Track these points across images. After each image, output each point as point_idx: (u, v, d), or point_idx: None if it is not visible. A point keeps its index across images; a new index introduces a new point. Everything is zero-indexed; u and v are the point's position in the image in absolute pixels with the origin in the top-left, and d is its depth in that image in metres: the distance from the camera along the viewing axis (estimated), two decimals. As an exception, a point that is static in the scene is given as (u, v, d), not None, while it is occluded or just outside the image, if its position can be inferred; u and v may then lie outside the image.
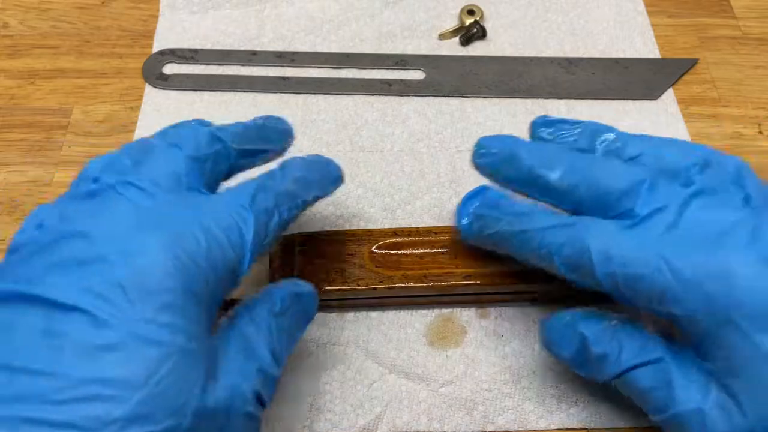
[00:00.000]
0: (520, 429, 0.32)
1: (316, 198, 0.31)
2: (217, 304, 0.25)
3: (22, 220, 0.37)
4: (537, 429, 0.32)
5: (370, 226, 0.37)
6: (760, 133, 0.42)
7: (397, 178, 0.40)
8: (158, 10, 0.47)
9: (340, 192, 0.39)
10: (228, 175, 0.30)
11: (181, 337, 0.23)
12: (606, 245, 0.27)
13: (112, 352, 0.21)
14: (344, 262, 0.34)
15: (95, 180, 0.26)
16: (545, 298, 0.35)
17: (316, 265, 0.34)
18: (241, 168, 0.30)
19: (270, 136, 0.32)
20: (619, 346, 0.28)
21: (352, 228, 0.37)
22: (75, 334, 0.22)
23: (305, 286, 0.29)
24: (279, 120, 0.32)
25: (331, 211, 0.38)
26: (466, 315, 0.35)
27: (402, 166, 0.40)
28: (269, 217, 0.27)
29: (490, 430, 0.32)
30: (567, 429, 0.32)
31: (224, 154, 0.29)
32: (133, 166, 0.27)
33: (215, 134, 0.29)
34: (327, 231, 0.36)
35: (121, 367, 0.21)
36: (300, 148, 0.41)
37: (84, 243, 0.24)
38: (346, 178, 0.39)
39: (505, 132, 0.42)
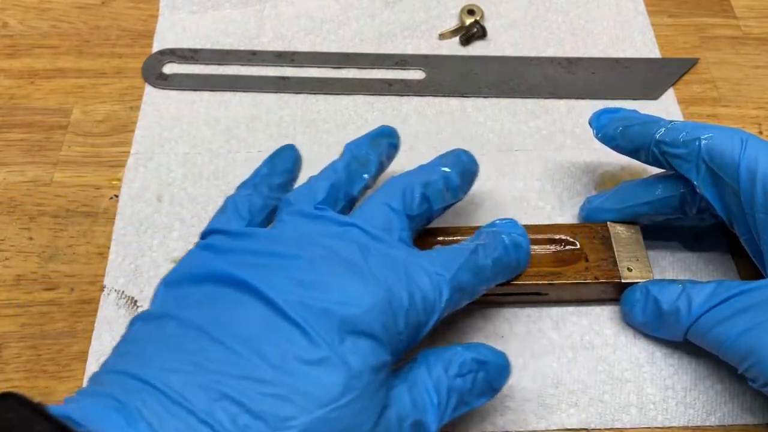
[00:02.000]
0: (520, 429, 0.32)
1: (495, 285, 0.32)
2: (401, 352, 0.27)
3: (21, 220, 0.38)
4: (537, 429, 0.32)
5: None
6: (761, 133, 0.42)
7: (397, 178, 0.40)
8: (158, 10, 0.47)
9: (340, 192, 0.39)
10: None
11: (371, 375, 0.24)
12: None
13: (315, 367, 0.23)
14: None
15: (318, 208, 0.29)
16: (554, 300, 0.35)
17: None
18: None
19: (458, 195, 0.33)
20: (688, 300, 0.30)
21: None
22: (288, 341, 0.24)
23: (494, 356, 0.29)
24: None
25: (331, 211, 0.38)
26: (466, 315, 0.35)
27: (402, 167, 0.40)
28: (461, 295, 0.29)
29: (490, 430, 0.32)
30: (567, 429, 0.32)
31: (427, 216, 0.31)
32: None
33: (426, 195, 0.31)
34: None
35: (318, 384, 0.23)
36: (300, 148, 0.41)
37: (307, 266, 0.26)
38: (346, 178, 0.39)
39: (506, 132, 0.42)
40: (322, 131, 0.42)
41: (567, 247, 0.35)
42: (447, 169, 0.32)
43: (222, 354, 0.23)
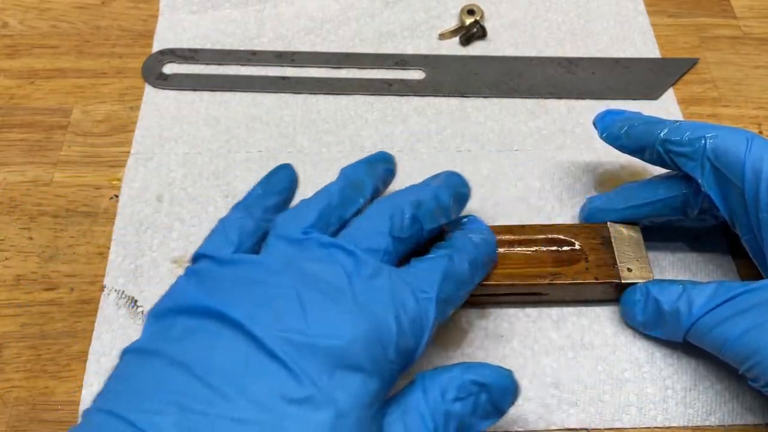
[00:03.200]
0: (520, 429, 0.32)
1: (474, 286, 0.31)
2: (395, 380, 0.26)
3: (21, 220, 0.38)
4: (537, 429, 0.32)
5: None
6: (760, 133, 0.42)
7: (397, 178, 0.40)
8: (158, 10, 0.47)
9: (340, 192, 0.39)
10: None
11: (361, 411, 0.24)
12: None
13: (301, 406, 0.23)
14: None
15: (305, 232, 0.28)
16: (554, 300, 0.35)
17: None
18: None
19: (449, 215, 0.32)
20: (689, 301, 0.31)
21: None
22: (272, 379, 0.23)
23: (497, 377, 0.27)
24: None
25: (331, 211, 0.38)
26: (466, 315, 0.35)
27: (402, 166, 0.40)
28: (447, 307, 0.28)
29: (490, 430, 0.32)
30: (567, 429, 0.32)
31: (417, 238, 0.30)
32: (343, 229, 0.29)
33: (416, 216, 0.29)
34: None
35: (305, 424, 0.22)
36: (300, 148, 0.41)
37: (290, 297, 0.25)
38: (346, 178, 0.39)
39: (506, 132, 0.42)
40: (322, 131, 0.42)
41: (567, 248, 0.35)
42: (438, 191, 0.31)
43: (207, 394, 0.23)
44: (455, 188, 0.32)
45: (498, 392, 0.27)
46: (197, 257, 0.28)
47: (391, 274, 0.27)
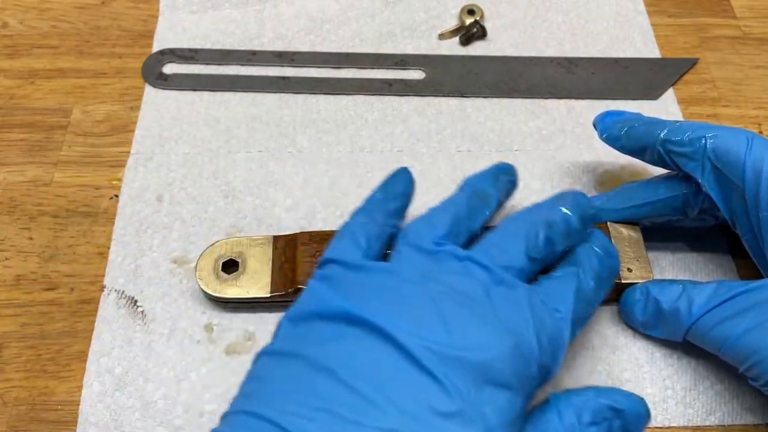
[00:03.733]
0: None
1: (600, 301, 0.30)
2: (532, 394, 0.26)
3: (21, 220, 0.38)
4: (537, 429, 0.32)
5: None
6: (760, 133, 0.42)
7: (397, 178, 0.40)
8: (158, 10, 0.47)
9: (340, 192, 0.39)
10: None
11: (507, 428, 0.23)
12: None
13: (451, 420, 0.22)
14: None
15: (438, 243, 0.28)
16: None
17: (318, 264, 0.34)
18: None
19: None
20: (689, 300, 0.30)
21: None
22: (421, 391, 0.23)
23: (632, 403, 0.27)
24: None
25: (331, 212, 0.38)
26: (466, 315, 0.35)
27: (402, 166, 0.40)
28: (578, 327, 0.28)
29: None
30: (567, 429, 0.32)
31: (550, 258, 0.29)
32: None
33: (549, 237, 0.29)
34: (330, 231, 0.36)
35: None
36: (300, 148, 0.41)
37: (431, 307, 0.25)
38: (346, 179, 0.39)
39: (505, 132, 0.42)
40: (322, 131, 0.42)
41: None
42: (568, 212, 0.30)
43: (355, 401, 0.22)
44: (582, 210, 0.30)
45: (632, 419, 0.27)
46: (325, 262, 0.28)
47: (527, 290, 0.27)
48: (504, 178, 0.33)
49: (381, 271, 0.27)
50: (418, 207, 0.38)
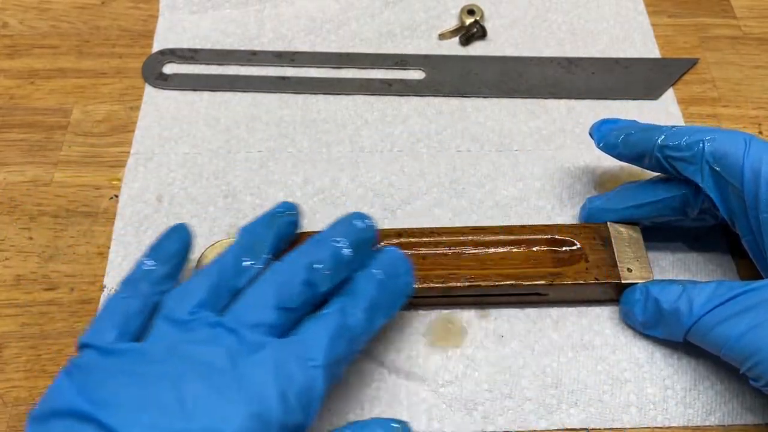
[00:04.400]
0: (520, 429, 0.32)
1: (381, 326, 0.30)
2: None
3: (21, 220, 0.38)
4: (537, 429, 0.32)
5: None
6: (760, 133, 0.42)
7: (397, 178, 0.40)
8: (158, 10, 0.47)
9: (339, 192, 0.39)
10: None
11: None
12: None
13: None
14: None
15: (192, 312, 0.27)
16: (554, 300, 0.35)
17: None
18: None
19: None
20: (689, 300, 0.31)
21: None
22: None
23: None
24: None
25: (331, 212, 0.38)
26: (466, 315, 0.35)
27: (402, 166, 0.40)
28: (339, 367, 0.27)
29: (490, 430, 0.32)
30: (567, 429, 0.32)
31: (312, 301, 0.28)
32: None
33: (309, 281, 0.28)
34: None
35: None
36: (300, 148, 0.41)
37: (170, 389, 0.24)
38: (346, 178, 0.39)
39: (505, 132, 0.42)
40: (322, 131, 0.42)
41: (567, 248, 0.35)
42: (338, 243, 0.29)
43: None
44: (356, 235, 0.30)
45: None
46: (81, 346, 0.27)
47: (274, 347, 0.26)
48: (280, 220, 0.31)
49: (130, 353, 0.26)
50: (417, 208, 0.39)
